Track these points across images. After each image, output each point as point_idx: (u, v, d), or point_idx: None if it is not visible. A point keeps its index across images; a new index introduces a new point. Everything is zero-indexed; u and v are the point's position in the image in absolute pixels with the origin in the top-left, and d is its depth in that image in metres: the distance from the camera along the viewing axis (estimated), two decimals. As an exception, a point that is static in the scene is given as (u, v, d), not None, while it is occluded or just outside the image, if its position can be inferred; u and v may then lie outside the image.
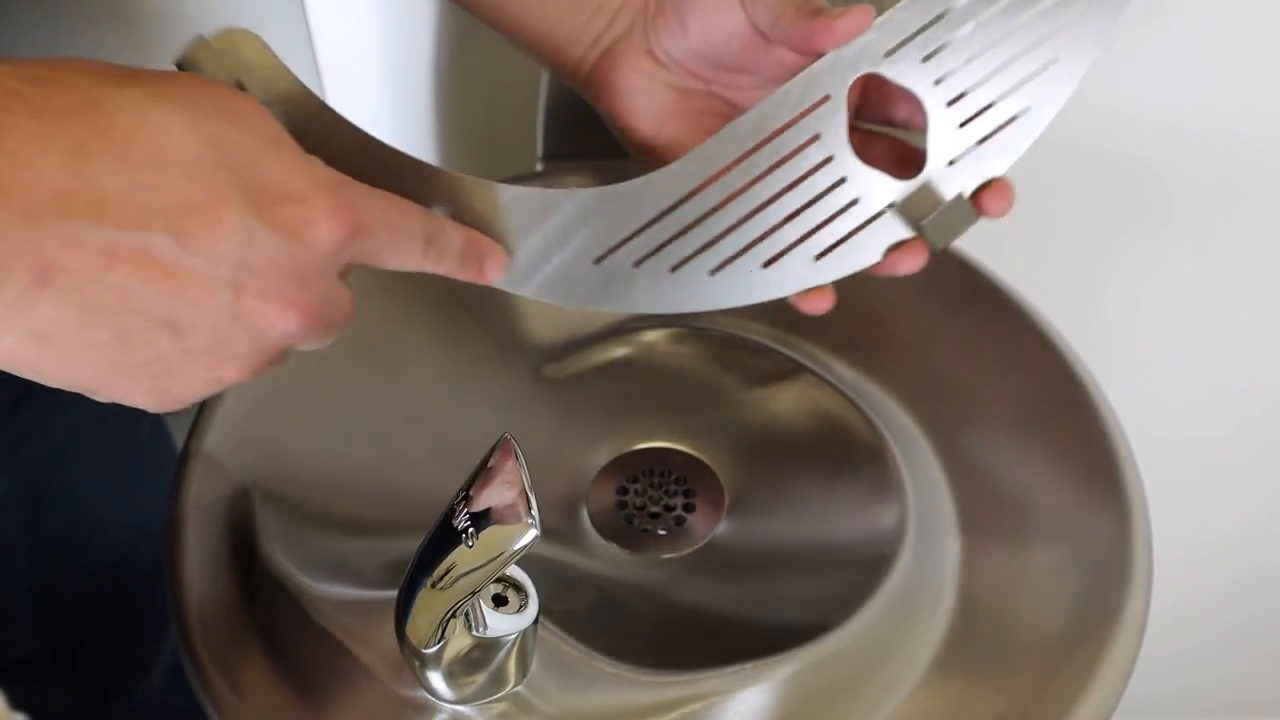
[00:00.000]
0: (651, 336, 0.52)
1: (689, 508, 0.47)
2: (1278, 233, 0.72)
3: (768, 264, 0.40)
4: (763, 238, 0.39)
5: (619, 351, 0.52)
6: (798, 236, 0.39)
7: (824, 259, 0.40)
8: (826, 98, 0.38)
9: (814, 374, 0.51)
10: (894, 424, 0.49)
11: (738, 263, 0.39)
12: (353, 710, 0.40)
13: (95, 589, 0.70)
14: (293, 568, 0.43)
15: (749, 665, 0.41)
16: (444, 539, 0.34)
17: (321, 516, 0.45)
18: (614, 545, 0.45)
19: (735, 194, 0.39)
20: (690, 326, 0.52)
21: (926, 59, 0.38)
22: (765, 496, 0.47)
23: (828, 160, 0.39)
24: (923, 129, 0.39)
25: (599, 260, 0.39)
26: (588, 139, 0.65)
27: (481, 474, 0.34)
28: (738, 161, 0.38)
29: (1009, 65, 0.38)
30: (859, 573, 0.44)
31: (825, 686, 0.41)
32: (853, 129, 0.39)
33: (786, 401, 0.50)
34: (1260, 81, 0.64)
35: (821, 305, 0.41)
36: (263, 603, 0.42)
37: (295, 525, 0.45)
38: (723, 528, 0.46)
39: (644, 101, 0.43)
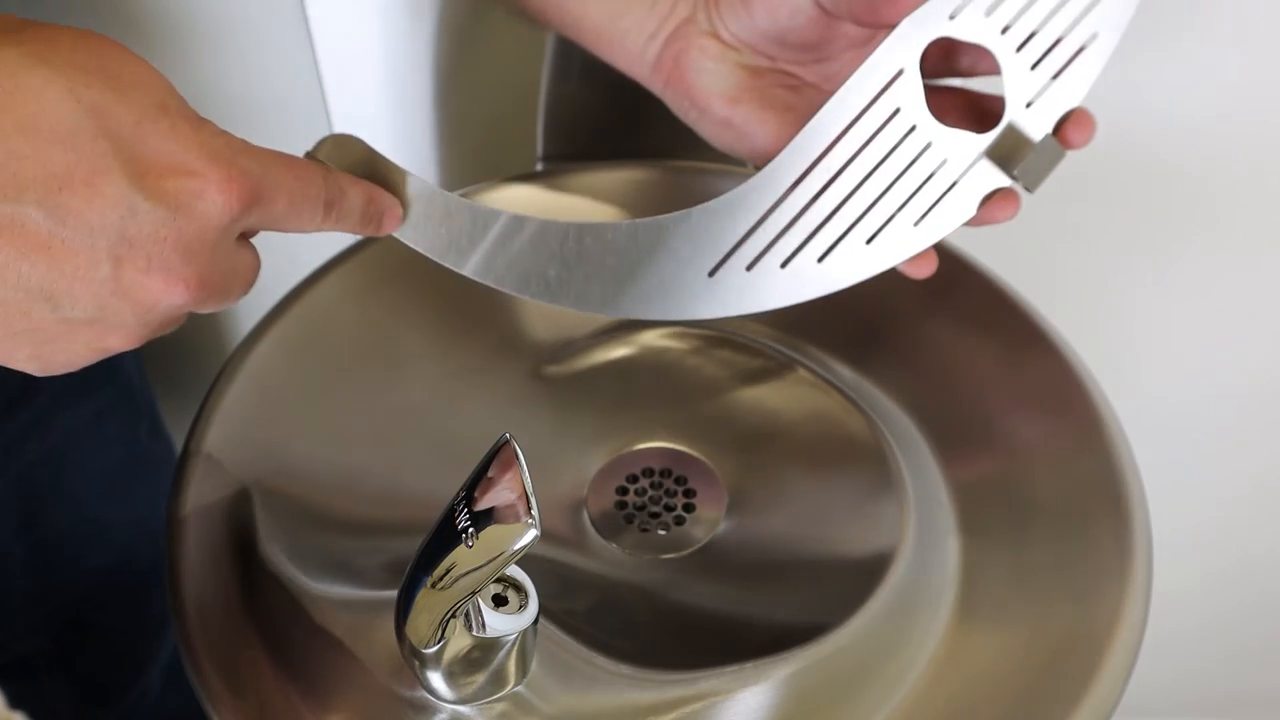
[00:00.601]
0: (651, 336, 0.52)
1: (689, 508, 0.47)
2: (1273, 230, 0.72)
3: (871, 239, 0.41)
4: (863, 216, 0.41)
5: (619, 351, 0.52)
6: (896, 208, 0.41)
7: (922, 223, 0.41)
8: (900, 71, 0.39)
9: (814, 374, 0.51)
10: (894, 424, 0.49)
11: (843, 245, 0.41)
12: (352, 710, 0.40)
13: (93, 590, 0.70)
14: (293, 568, 0.43)
15: (749, 665, 0.41)
16: (444, 539, 0.34)
17: (321, 516, 0.45)
18: (614, 545, 0.45)
19: (830, 181, 0.40)
20: (690, 326, 0.52)
21: (990, 11, 0.39)
22: (765, 496, 0.47)
23: (911, 130, 0.40)
24: (988, 73, 0.40)
25: (713, 273, 0.41)
26: (588, 139, 0.65)
27: (481, 474, 0.34)
28: (827, 151, 0.40)
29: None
30: (859, 573, 0.44)
31: (825, 686, 0.41)
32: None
33: (786, 401, 0.50)
34: (1257, 77, 0.64)
35: (928, 268, 0.42)
36: (263, 603, 0.42)
37: (295, 525, 0.45)
38: (723, 528, 0.46)
39: (715, 82, 0.43)
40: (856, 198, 0.40)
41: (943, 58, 0.42)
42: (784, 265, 0.41)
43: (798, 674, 0.41)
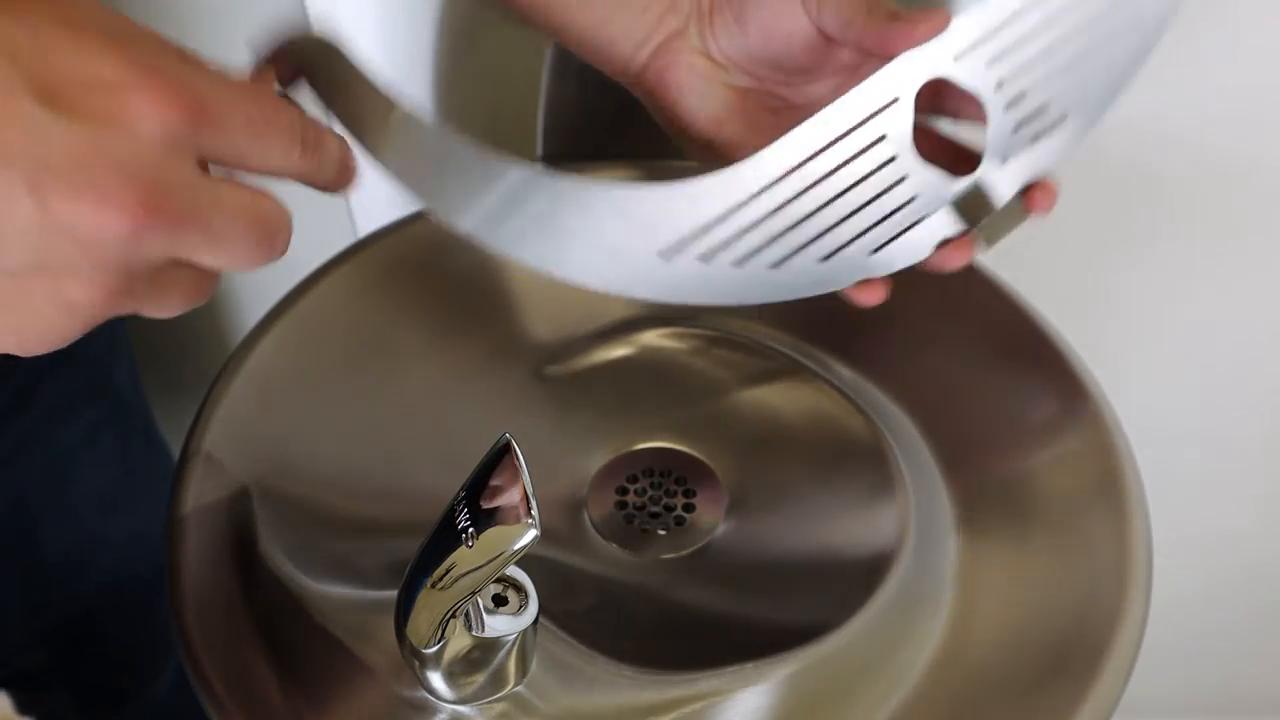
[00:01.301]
0: (651, 336, 0.52)
1: (689, 508, 0.47)
2: (1275, 233, 0.72)
3: (826, 258, 0.40)
4: (824, 233, 0.40)
5: (619, 351, 0.52)
6: (857, 232, 0.40)
7: (879, 253, 0.41)
8: (895, 100, 0.39)
9: (814, 374, 0.51)
10: (894, 424, 0.49)
11: (799, 257, 0.40)
12: (353, 710, 0.40)
13: (96, 604, 0.69)
14: (293, 568, 0.43)
15: (749, 665, 0.41)
16: (444, 539, 0.34)
17: (321, 516, 0.45)
18: (614, 545, 0.45)
19: (801, 192, 0.39)
20: (691, 326, 0.52)
21: (992, 62, 0.39)
22: (765, 496, 0.47)
23: (891, 159, 0.39)
24: (969, 120, 0.40)
25: (665, 255, 0.39)
26: (588, 139, 0.65)
27: (481, 474, 0.34)
28: (806, 161, 0.39)
29: (1067, 65, 0.39)
30: (859, 573, 0.44)
31: (825, 686, 0.41)
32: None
33: (786, 401, 0.50)
34: (1258, 88, 0.64)
35: (875, 298, 0.41)
36: (263, 603, 0.42)
37: (295, 525, 0.45)
38: (723, 528, 0.46)
39: (701, 102, 0.43)
40: (823, 214, 0.40)
41: (932, 96, 0.41)
42: (738, 264, 0.40)
43: (798, 674, 0.41)
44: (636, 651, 0.42)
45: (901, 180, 0.40)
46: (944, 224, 0.40)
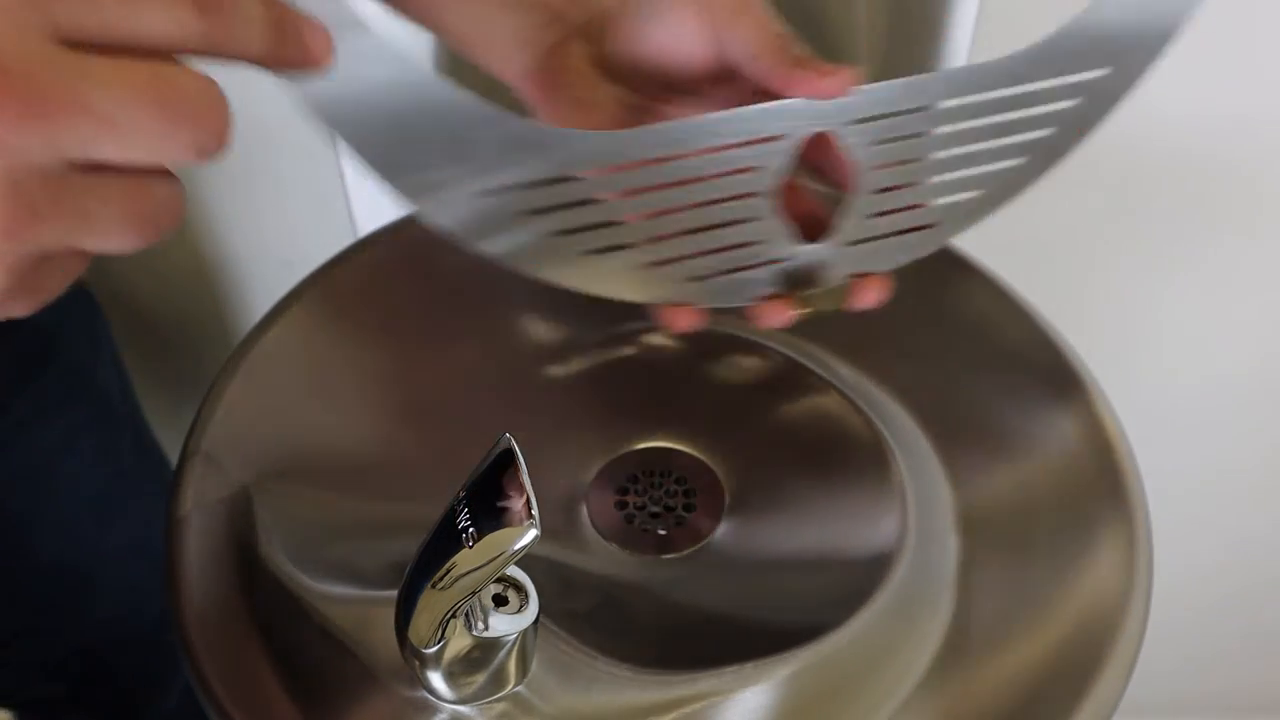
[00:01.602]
0: (651, 336, 0.52)
1: (689, 508, 0.47)
2: (1269, 224, 0.72)
3: (648, 266, 0.38)
4: (654, 240, 0.38)
5: (619, 351, 0.52)
6: (689, 252, 0.38)
7: (701, 283, 0.39)
8: (781, 136, 0.36)
9: (814, 374, 0.51)
10: (894, 424, 0.49)
11: (620, 254, 0.38)
12: (353, 710, 0.40)
13: (103, 627, 0.67)
14: (293, 568, 0.43)
15: (749, 665, 0.41)
16: (444, 539, 0.34)
17: (321, 516, 0.45)
18: (614, 545, 0.45)
19: (651, 188, 0.36)
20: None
21: (883, 142, 0.37)
22: (765, 497, 0.47)
23: (751, 195, 0.37)
24: (835, 186, 0.38)
25: (488, 194, 0.35)
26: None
27: (482, 474, 0.34)
28: (667, 159, 0.36)
29: (947, 181, 0.38)
30: (859, 573, 0.44)
31: (825, 686, 0.41)
32: None
33: (786, 401, 0.50)
34: (1253, 77, 0.64)
35: (682, 323, 0.40)
36: (263, 603, 0.42)
37: (295, 525, 0.45)
38: (723, 528, 0.46)
39: (585, 117, 0.40)
40: (664, 220, 0.37)
41: (810, 148, 0.38)
42: (555, 234, 0.36)
43: (798, 674, 0.41)
44: (636, 651, 0.42)
45: (752, 220, 0.38)
46: (769, 279, 0.39)
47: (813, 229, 0.39)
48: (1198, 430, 0.84)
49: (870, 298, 0.39)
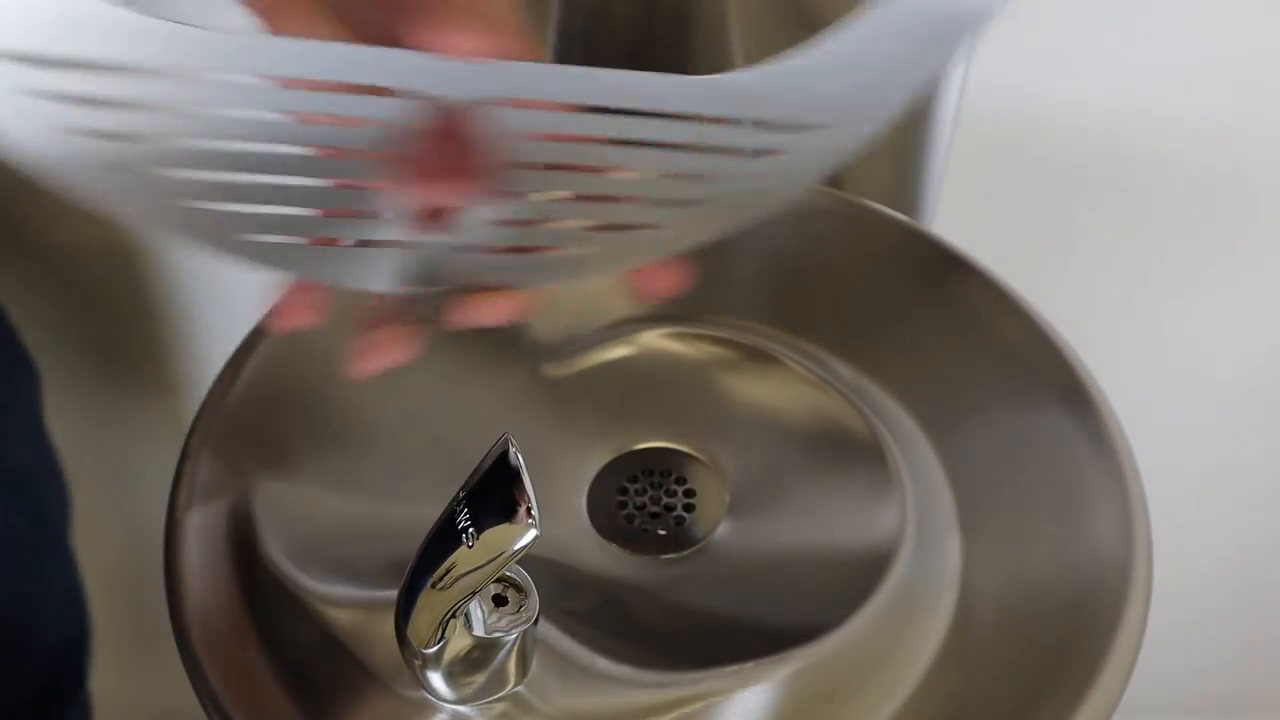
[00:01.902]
0: (651, 336, 0.52)
1: (689, 508, 0.47)
2: (1268, 227, 0.72)
3: (203, 195, 0.31)
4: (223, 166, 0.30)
5: (619, 351, 0.52)
6: (268, 199, 0.31)
7: (294, 251, 0.34)
8: (391, 92, 0.29)
9: (814, 373, 0.51)
10: (894, 424, 0.49)
11: (169, 173, 0.30)
12: (353, 710, 0.40)
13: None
14: (293, 568, 0.43)
15: (749, 665, 0.41)
16: (444, 539, 0.34)
17: (321, 517, 0.45)
18: (614, 545, 0.45)
19: (247, 100, 0.29)
20: (692, 326, 0.52)
21: (530, 138, 0.30)
22: (765, 496, 0.47)
23: (352, 152, 0.30)
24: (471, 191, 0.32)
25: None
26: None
27: (481, 474, 0.34)
28: (297, 84, 0.29)
29: (593, 207, 0.33)
30: (859, 573, 0.44)
31: (825, 686, 0.41)
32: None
33: (786, 401, 0.50)
34: (1243, 74, 0.64)
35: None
36: (262, 603, 0.42)
37: (295, 525, 0.45)
38: (723, 528, 0.46)
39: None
40: (243, 148, 0.30)
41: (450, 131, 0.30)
42: (78, 134, 0.28)
43: (798, 674, 0.41)
44: (636, 651, 0.42)
45: (349, 183, 0.31)
46: (394, 266, 0.34)
47: (441, 223, 0.33)
48: (1198, 431, 0.84)
49: (477, 316, 0.35)
